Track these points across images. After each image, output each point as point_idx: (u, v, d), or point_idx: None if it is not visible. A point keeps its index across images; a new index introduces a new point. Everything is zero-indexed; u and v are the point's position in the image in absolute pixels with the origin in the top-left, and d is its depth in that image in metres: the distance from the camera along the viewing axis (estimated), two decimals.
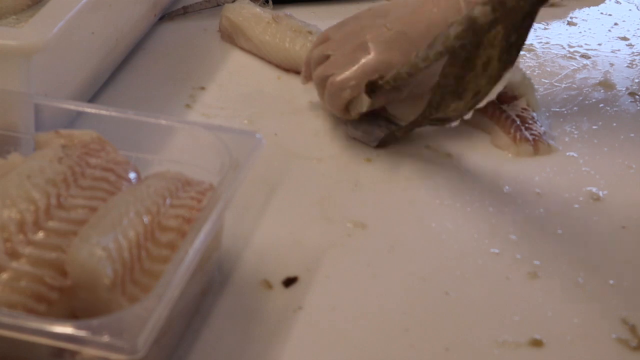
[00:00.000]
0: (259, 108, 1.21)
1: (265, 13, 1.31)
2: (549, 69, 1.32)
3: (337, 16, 1.23)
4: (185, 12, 1.39)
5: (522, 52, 1.30)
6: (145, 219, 0.82)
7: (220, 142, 0.92)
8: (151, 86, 1.24)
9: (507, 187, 1.09)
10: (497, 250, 1.00)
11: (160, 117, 0.96)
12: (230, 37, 1.33)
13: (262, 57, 1.31)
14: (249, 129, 1.14)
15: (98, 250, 0.77)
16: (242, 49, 1.32)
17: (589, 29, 1.43)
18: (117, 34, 1.21)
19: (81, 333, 0.71)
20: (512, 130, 1.16)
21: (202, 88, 1.24)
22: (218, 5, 1.39)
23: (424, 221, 1.04)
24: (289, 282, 0.94)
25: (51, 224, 0.81)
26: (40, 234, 0.80)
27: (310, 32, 1.29)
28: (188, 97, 1.22)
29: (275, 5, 1.40)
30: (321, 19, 1.36)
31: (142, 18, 1.29)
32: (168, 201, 0.85)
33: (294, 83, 1.26)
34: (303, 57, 1.22)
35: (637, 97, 1.27)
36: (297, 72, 1.25)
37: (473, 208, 1.06)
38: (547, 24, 1.43)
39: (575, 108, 1.24)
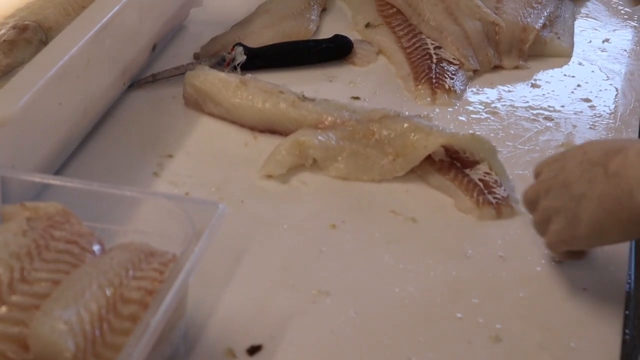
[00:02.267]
0: (227, 174, 1.23)
1: (231, 77, 1.33)
2: (512, 132, 1.34)
3: (304, 81, 1.25)
4: (154, 79, 1.40)
5: (486, 115, 1.34)
6: (108, 292, 0.83)
7: (183, 213, 0.94)
8: (120, 155, 1.25)
9: (470, 251, 1.11)
10: (460, 315, 1.01)
11: (125, 189, 0.97)
12: (197, 103, 1.34)
13: (233, 121, 1.32)
14: (215, 198, 1.16)
15: (60, 324, 0.78)
16: (211, 114, 1.34)
17: (552, 90, 1.45)
18: (86, 103, 1.23)
19: None
20: (475, 195, 1.18)
21: (170, 156, 1.25)
22: (187, 72, 1.41)
23: (387, 286, 1.05)
24: (254, 350, 0.95)
25: (14, 298, 0.82)
26: (3, 309, 0.81)
27: (281, 92, 1.30)
28: (156, 166, 1.23)
29: (242, 71, 1.42)
30: (289, 83, 1.37)
31: (111, 87, 1.31)
32: (131, 273, 0.86)
33: (265, 146, 1.27)
34: (277, 115, 1.24)
35: None
36: (272, 132, 1.28)
37: (436, 272, 1.07)
38: (512, 87, 1.46)
39: None
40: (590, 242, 1.02)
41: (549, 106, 1.41)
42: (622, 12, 1.71)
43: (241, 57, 1.42)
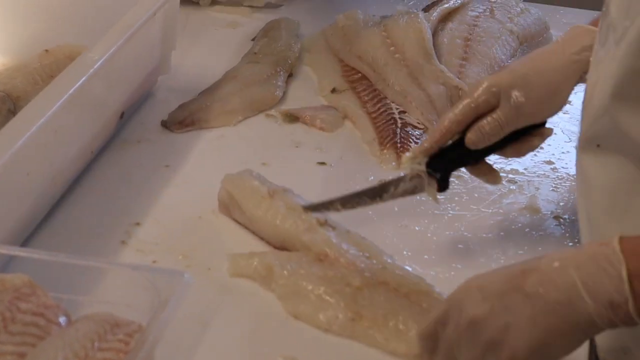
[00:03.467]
0: (194, 242, 1.24)
1: (263, 187, 1.26)
2: (476, 195, 1.36)
3: (271, 147, 1.24)
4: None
5: (450, 179, 1.35)
6: None
7: (149, 282, 0.95)
8: (87, 223, 1.26)
9: None
10: None
11: (91, 259, 0.99)
12: (227, 208, 1.29)
13: (254, 232, 1.26)
14: (182, 265, 1.17)
15: None
16: (237, 221, 1.28)
17: None
18: (54, 172, 1.24)
19: None
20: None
21: (138, 224, 1.26)
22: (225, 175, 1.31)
23: (352, 348, 1.06)
24: None
25: None
26: None
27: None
28: (124, 233, 1.24)
29: None
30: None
31: (79, 155, 1.32)
32: (96, 345, 0.87)
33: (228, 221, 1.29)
34: (290, 234, 1.19)
35: (561, 220, 1.31)
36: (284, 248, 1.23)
37: None
38: None
39: (501, 233, 1.28)
40: None
41: (512, 169, 1.43)
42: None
43: None
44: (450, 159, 1.20)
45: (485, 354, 0.91)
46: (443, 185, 1.19)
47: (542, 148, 1.48)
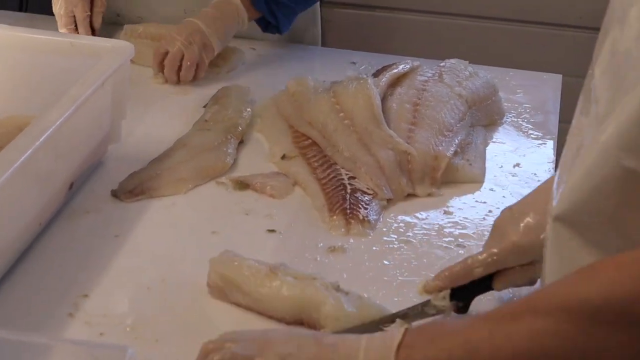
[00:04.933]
0: (142, 313, 1.23)
1: (261, 265, 1.25)
2: (425, 260, 1.37)
3: (219, 213, 1.24)
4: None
5: (399, 245, 1.36)
6: None
7: (92, 358, 0.94)
8: (34, 297, 1.26)
9: None
10: None
11: (33, 336, 0.98)
12: (222, 292, 1.26)
13: (260, 313, 1.24)
14: (130, 337, 1.16)
15: None
16: (237, 304, 1.25)
17: (465, 217, 1.49)
18: (0, 245, 1.24)
19: None
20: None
21: (85, 295, 1.26)
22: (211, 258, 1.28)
23: None
24: None
25: None
26: None
27: (314, 278, 1.23)
28: (71, 306, 1.24)
29: None
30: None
31: (26, 228, 1.32)
32: None
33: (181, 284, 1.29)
34: (303, 301, 1.20)
35: None
36: (301, 324, 1.22)
37: None
38: (425, 214, 1.49)
39: None
40: None
41: (460, 233, 1.44)
42: (533, 136, 1.76)
43: None
44: (473, 290, 1.22)
45: None
46: (464, 311, 1.21)
47: (490, 212, 1.51)
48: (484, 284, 1.21)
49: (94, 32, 1.97)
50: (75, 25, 1.97)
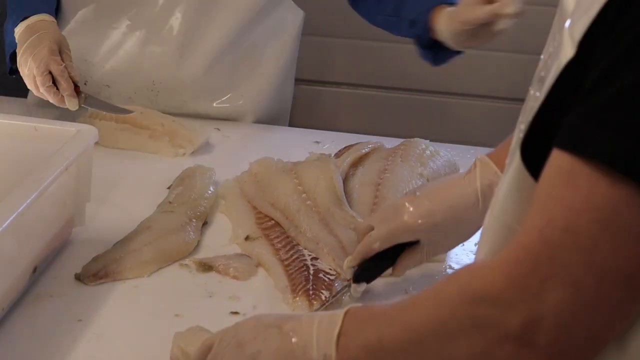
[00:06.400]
0: None
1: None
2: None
3: (183, 297, 1.24)
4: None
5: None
6: None
7: None
8: None
9: None
10: None
11: None
12: None
13: None
14: None
15: None
16: None
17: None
18: None
19: None
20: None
21: None
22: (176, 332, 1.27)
23: None
24: None
25: None
26: None
27: None
28: None
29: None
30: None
31: None
32: None
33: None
34: None
35: None
36: None
37: None
38: (385, 295, 1.50)
39: None
40: None
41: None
42: None
43: None
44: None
45: None
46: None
47: None
48: (385, 264, 1.45)
49: (76, 86, 1.88)
50: (54, 82, 1.86)
